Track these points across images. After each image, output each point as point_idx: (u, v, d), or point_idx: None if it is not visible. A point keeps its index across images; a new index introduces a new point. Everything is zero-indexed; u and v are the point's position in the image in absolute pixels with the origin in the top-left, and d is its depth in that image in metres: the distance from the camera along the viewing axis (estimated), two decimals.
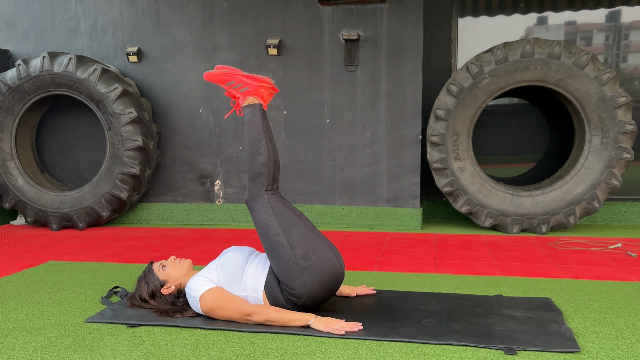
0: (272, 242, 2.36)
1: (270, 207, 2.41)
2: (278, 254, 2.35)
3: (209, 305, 2.33)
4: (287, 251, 2.33)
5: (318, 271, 2.32)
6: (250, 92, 2.51)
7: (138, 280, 2.58)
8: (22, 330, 2.35)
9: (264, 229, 2.40)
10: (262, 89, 2.52)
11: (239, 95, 2.53)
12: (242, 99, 2.53)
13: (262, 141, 2.45)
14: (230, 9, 5.01)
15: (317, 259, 2.33)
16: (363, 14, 4.78)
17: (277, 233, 2.36)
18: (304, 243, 2.34)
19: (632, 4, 5.03)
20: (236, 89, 2.53)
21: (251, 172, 2.46)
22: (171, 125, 5.23)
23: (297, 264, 2.31)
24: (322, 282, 2.33)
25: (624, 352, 2.03)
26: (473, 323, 2.33)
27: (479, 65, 4.41)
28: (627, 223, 4.99)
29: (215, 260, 2.53)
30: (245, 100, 2.52)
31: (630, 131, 4.31)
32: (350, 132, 4.92)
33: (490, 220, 4.56)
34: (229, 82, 2.53)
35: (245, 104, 2.52)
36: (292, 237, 2.35)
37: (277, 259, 2.35)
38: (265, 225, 2.40)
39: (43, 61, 4.80)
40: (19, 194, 5.01)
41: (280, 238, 2.35)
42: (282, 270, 2.34)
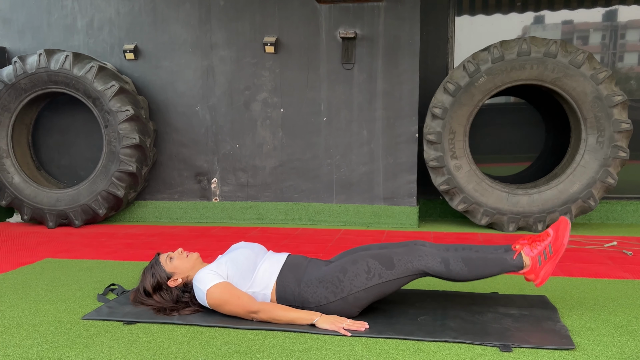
0: (364, 263, 2.32)
1: (409, 277, 2.32)
2: (353, 271, 2.31)
3: (215, 300, 2.31)
4: (359, 281, 2.30)
5: (344, 309, 2.32)
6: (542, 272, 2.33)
7: (143, 271, 2.55)
8: (19, 327, 2.35)
9: (387, 262, 2.32)
10: (536, 278, 2.34)
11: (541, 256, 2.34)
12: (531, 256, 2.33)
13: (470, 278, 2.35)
14: (227, 6, 5.01)
15: (354, 306, 2.32)
16: (360, 12, 4.78)
17: (380, 272, 2.30)
18: (371, 295, 2.31)
19: (629, 3, 5.04)
20: (546, 251, 2.33)
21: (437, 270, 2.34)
22: (168, 123, 5.23)
23: (345, 292, 2.30)
24: (339, 312, 2.34)
25: (619, 349, 2.04)
26: (469, 320, 2.34)
27: (475, 63, 4.42)
28: (623, 221, 5.01)
29: (224, 255, 2.51)
30: (527, 259, 2.33)
31: (626, 130, 4.32)
32: (347, 131, 4.92)
33: (486, 218, 4.57)
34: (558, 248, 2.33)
35: (524, 257, 2.33)
36: (374, 285, 2.30)
37: (343, 271, 2.32)
38: (389, 260, 2.32)
39: (39, 58, 4.79)
40: (15, 192, 5.00)
41: (373, 272, 2.30)
42: (329, 277, 2.33)
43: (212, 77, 5.10)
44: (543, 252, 2.33)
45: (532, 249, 2.34)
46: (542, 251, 2.33)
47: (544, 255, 2.32)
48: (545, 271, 2.32)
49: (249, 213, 5.15)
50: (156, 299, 2.49)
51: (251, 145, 5.11)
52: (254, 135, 5.09)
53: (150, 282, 2.49)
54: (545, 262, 2.32)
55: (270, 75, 5.00)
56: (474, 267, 2.31)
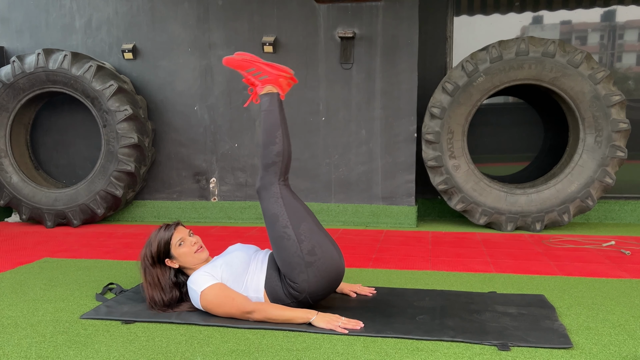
0: (279, 234, 2.36)
1: (281, 198, 2.40)
2: (284, 246, 2.34)
3: (209, 302, 2.31)
4: (294, 244, 2.32)
5: (322, 268, 2.32)
6: (269, 81, 2.50)
7: (157, 230, 2.47)
8: (17, 326, 2.35)
9: (273, 219, 2.38)
10: (282, 78, 2.51)
11: (258, 83, 2.51)
12: (261, 87, 2.50)
13: (278, 130, 2.44)
14: (226, 6, 5.01)
15: (322, 256, 2.33)
16: (358, 12, 4.79)
17: (286, 225, 2.35)
18: (311, 238, 2.34)
19: (627, 3, 5.05)
20: (255, 77, 2.51)
21: (264, 160, 2.44)
22: (166, 123, 5.23)
23: (302, 259, 2.31)
24: (325, 279, 2.34)
25: (617, 348, 2.04)
26: (467, 319, 2.34)
27: (474, 63, 4.42)
28: (621, 221, 5.02)
29: (220, 257, 2.50)
30: (264, 89, 2.49)
31: (624, 130, 4.33)
32: (346, 130, 4.93)
33: (484, 218, 4.58)
34: (249, 68, 2.51)
35: (264, 92, 2.49)
36: (300, 230, 2.34)
37: (283, 251, 2.34)
38: (274, 215, 2.38)
39: (38, 58, 4.79)
40: (13, 191, 5.00)
41: (288, 230, 2.34)
42: (286, 264, 2.34)
43: (211, 77, 5.10)
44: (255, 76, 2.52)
45: (256, 86, 2.53)
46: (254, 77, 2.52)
47: (256, 75, 2.51)
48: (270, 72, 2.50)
49: (248, 213, 5.15)
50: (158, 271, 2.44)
51: (250, 144, 5.11)
52: (253, 134, 5.09)
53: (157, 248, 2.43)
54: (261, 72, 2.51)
55: None
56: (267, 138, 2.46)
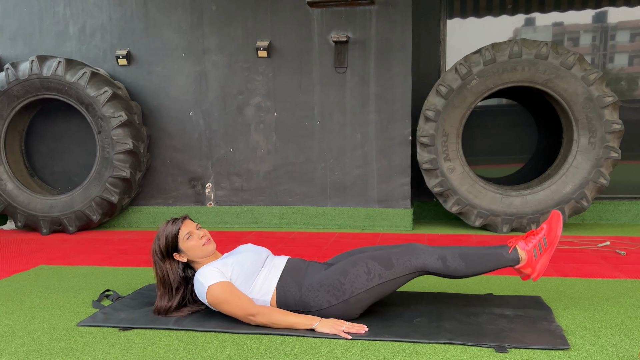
0: (367, 266, 2.32)
1: (408, 271, 2.33)
2: (354, 273, 2.31)
3: (215, 297, 2.30)
4: (362, 283, 2.30)
5: (347, 312, 2.33)
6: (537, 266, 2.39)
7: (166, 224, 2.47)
8: (14, 334, 2.34)
9: (383, 260, 2.34)
10: (533, 272, 2.39)
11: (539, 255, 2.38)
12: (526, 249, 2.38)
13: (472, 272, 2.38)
14: (219, 11, 5.02)
15: (356, 308, 2.33)
16: (352, 16, 4.80)
17: (381, 274, 2.31)
18: (371, 298, 2.33)
19: (618, 4, 5.08)
20: (541, 244, 2.38)
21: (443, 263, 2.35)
22: (161, 128, 5.23)
23: (348, 295, 2.31)
24: (340, 316, 2.35)
25: (614, 349, 2.05)
26: (464, 322, 2.35)
27: (467, 66, 4.44)
28: (616, 221, 5.04)
29: (231, 255, 2.49)
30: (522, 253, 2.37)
31: (618, 130, 4.35)
32: (340, 134, 4.93)
33: (480, 220, 4.59)
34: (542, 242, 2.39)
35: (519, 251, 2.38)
36: (377, 287, 2.31)
37: (344, 274, 2.32)
38: (388, 261, 2.33)
39: (32, 65, 4.78)
40: (8, 199, 4.98)
41: (376, 276, 2.31)
42: (330, 281, 2.33)
43: (205, 82, 5.11)
44: (538, 245, 2.37)
45: (527, 243, 2.39)
46: (537, 244, 2.37)
47: (539, 248, 2.37)
48: (541, 264, 2.37)
49: (244, 217, 5.15)
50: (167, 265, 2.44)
51: (245, 149, 5.11)
52: (248, 139, 5.10)
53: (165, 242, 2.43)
54: (540, 255, 2.37)
55: (263, 80, 5.00)
56: (471, 262, 2.34)
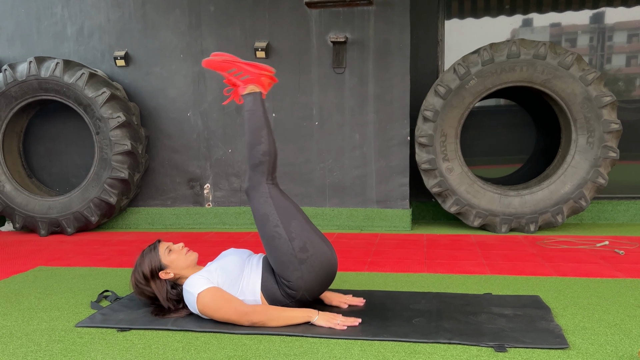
0: (270, 233, 2.36)
1: (270, 198, 2.41)
2: (275, 245, 2.34)
3: (206, 305, 2.29)
4: (285, 243, 2.33)
5: (315, 264, 2.33)
6: (251, 80, 2.49)
7: (141, 254, 2.50)
8: (12, 335, 2.34)
9: (263, 219, 2.39)
10: (264, 77, 2.51)
11: (240, 83, 2.50)
12: (243, 87, 2.50)
13: (263, 130, 2.45)
14: (217, 12, 5.02)
15: (314, 252, 2.34)
16: (350, 17, 4.80)
17: (276, 224, 2.35)
18: (301, 235, 2.34)
19: (616, 5, 5.09)
20: (237, 77, 2.49)
21: (251, 161, 2.44)
22: (159, 129, 5.22)
23: (295, 256, 2.31)
24: (319, 274, 2.35)
25: (613, 348, 2.05)
26: (463, 321, 2.35)
27: (465, 66, 4.44)
28: (614, 221, 5.04)
29: (214, 262, 2.49)
30: (246, 89, 2.49)
31: (616, 130, 4.36)
32: (339, 134, 4.93)
33: (479, 220, 4.59)
34: (229, 69, 2.50)
35: (246, 92, 2.49)
36: (291, 228, 2.35)
37: (275, 251, 2.35)
38: (264, 215, 2.39)
39: (30, 66, 4.78)
40: (6, 200, 4.97)
41: (279, 229, 2.35)
42: (280, 263, 2.34)
43: (204, 83, 5.10)
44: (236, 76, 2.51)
45: (238, 86, 2.52)
46: (235, 78, 2.51)
47: (237, 75, 2.50)
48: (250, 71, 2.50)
49: (242, 218, 5.14)
50: (153, 286, 2.45)
51: (243, 150, 5.11)
52: None
53: (149, 266, 2.44)
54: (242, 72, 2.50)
55: None
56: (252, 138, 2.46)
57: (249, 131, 2.46)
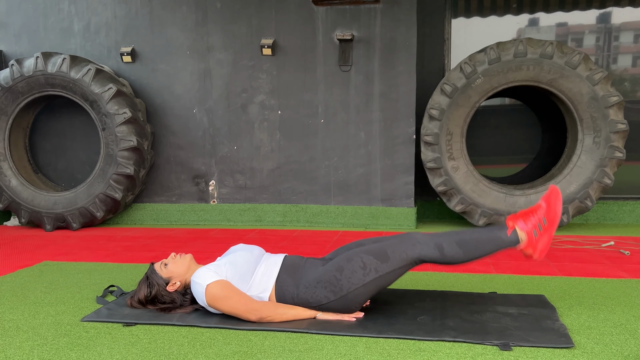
0: (363, 260, 2.31)
1: (406, 262, 2.31)
2: (350, 268, 2.30)
3: (214, 296, 2.30)
4: (358, 278, 2.29)
5: (345, 305, 2.34)
6: (530, 238, 2.29)
7: (139, 282, 2.55)
8: (18, 329, 2.35)
9: (379, 253, 2.32)
10: (537, 250, 2.30)
11: (531, 227, 2.30)
12: (524, 228, 2.30)
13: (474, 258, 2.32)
14: (224, 9, 5.02)
15: (355, 302, 2.33)
16: (357, 15, 4.80)
17: (377, 267, 2.29)
18: (368, 292, 2.31)
19: (623, 4, 5.07)
20: (539, 224, 2.30)
21: (440, 249, 2.30)
22: (165, 126, 5.23)
23: (345, 290, 2.30)
24: (339, 309, 2.36)
25: (618, 347, 2.05)
26: (468, 320, 2.35)
27: (472, 65, 4.43)
28: (620, 222, 5.03)
29: (223, 257, 2.51)
30: (521, 232, 2.30)
31: (622, 130, 4.34)
32: (344, 132, 4.93)
33: (484, 219, 4.58)
34: (544, 219, 2.31)
35: (518, 230, 2.30)
36: (373, 282, 2.30)
37: (341, 270, 2.31)
38: (384, 254, 2.31)
39: (37, 61, 4.79)
40: (12, 195, 4.99)
41: (372, 271, 2.29)
42: (327, 278, 2.32)
43: (209, 80, 5.11)
44: (537, 225, 2.29)
45: (526, 223, 2.31)
46: (537, 224, 2.30)
47: (539, 227, 2.29)
48: (542, 243, 2.29)
49: (247, 215, 5.15)
50: (149, 307, 2.51)
51: (249, 147, 5.11)
52: (252, 137, 5.10)
53: (145, 292, 2.50)
54: (541, 234, 2.29)
55: (268, 78, 5.01)
56: (469, 249, 2.30)
57: (477, 243, 2.31)
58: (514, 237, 2.30)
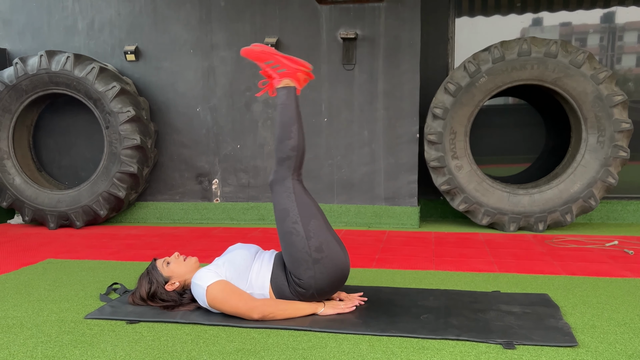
0: (288, 229, 2.36)
1: (293, 194, 2.40)
2: (292, 241, 2.35)
3: (215, 297, 2.31)
4: (302, 240, 2.33)
5: (328, 265, 2.34)
6: (287, 74, 2.47)
7: (140, 277, 2.57)
8: (22, 326, 2.35)
9: (283, 213, 2.39)
10: (300, 72, 2.49)
11: (276, 75, 2.48)
12: (278, 80, 2.47)
13: (294, 125, 2.43)
14: (228, 7, 5.02)
15: (329, 253, 2.34)
16: (361, 13, 4.80)
17: (295, 220, 2.36)
18: (319, 235, 2.35)
19: (627, 4, 5.06)
20: (273, 69, 2.48)
21: (279, 155, 2.43)
22: (169, 124, 5.24)
23: (309, 255, 2.32)
24: (331, 276, 2.36)
25: (622, 346, 2.05)
26: (471, 318, 2.34)
27: (476, 64, 4.43)
28: (623, 221, 5.02)
29: (222, 257, 2.51)
30: (281, 82, 2.47)
31: (627, 130, 4.33)
32: (348, 131, 4.93)
33: (487, 218, 4.58)
34: (267, 60, 2.48)
35: (281, 85, 2.47)
36: (310, 227, 2.35)
37: (290, 247, 2.35)
38: (284, 210, 2.39)
39: (41, 59, 4.80)
40: (16, 193, 5.00)
41: (297, 226, 2.35)
42: (293, 260, 2.35)
43: (213, 78, 5.11)
44: (273, 68, 2.49)
45: (273, 79, 2.50)
46: (272, 70, 2.49)
47: (274, 67, 2.48)
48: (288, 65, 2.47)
49: (250, 214, 5.15)
50: (151, 304, 2.52)
51: (252, 146, 5.11)
52: (255, 136, 5.10)
53: (146, 288, 2.50)
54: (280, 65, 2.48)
55: None
56: (282, 132, 2.43)
57: (280, 125, 2.45)
58: (284, 90, 2.47)
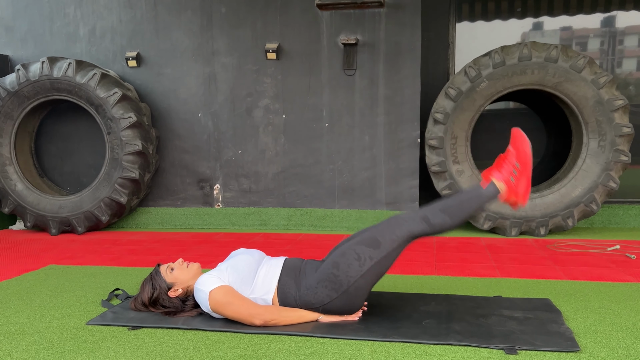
0: (361, 254, 2.30)
1: (398, 244, 2.32)
2: (349, 263, 2.29)
3: (217, 302, 2.31)
4: (356, 272, 2.28)
5: (348, 302, 2.33)
6: (509, 186, 2.33)
7: (143, 282, 2.56)
8: (24, 332, 2.36)
9: (374, 242, 2.31)
10: (515, 196, 2.34)
11: (504, 176, 2.34)
12: (499, 178, 2.34)
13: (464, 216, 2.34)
14: (229, 13, 5.04)
15: (357, 296, 2.33)
16: (361, 19, 4.81)
17: (373, 257, 2.29)
18: (368, 283, 2.31)
19: (628, 8, 5.07)
20: (510, 171, 2.34)
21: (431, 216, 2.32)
22: (170, 130, 5.25)
23: (347, 285, 2.29)
24: (342, 309, 2.36)
25: (625, 352, 2.04)
26: (473, 323, 2.34)
27: (476, 69, 4.43)
28: (625, 225, 5.01)
29: (224, 262, 2.51)
30: (499, 182, 2.34)
31: (628, 134, 4.34)
32: (349, 136, 4.94)
33: (489, 223, 4.58)
34: (518, 163, 2.35)
35: (496, 183, 2.34)
36: (372, 272, 2.30)
37: (341, 265, 2.30)
38: (378, 242, 2.30)
39: (42, 66, 4.81)
40: (18, 199, 5.01)
41: (369, 261, 2.28)
42: (328, 274, 2.32)
43: (214, 84, 5.12)
44: (512, 171, 2.34)
45: (501, 172, 2.35)
46: (511, 170, 2.34)
47: (514, 172, 2.33)
48: (522, 187, 2.32)
49: (252, 219, 5.16)
50: (152, 310, 2.52)
51: (253, 151, 5.12)
52: (256, 141, 5.11)
53: (149, 293, 2.50)
54: (518, 178, 2.33)
55: (272, 82, 5.02)
56: (453, 212, 2.32)
57: (457, 204, 2.34)
58: (492, 188, 2.34)
